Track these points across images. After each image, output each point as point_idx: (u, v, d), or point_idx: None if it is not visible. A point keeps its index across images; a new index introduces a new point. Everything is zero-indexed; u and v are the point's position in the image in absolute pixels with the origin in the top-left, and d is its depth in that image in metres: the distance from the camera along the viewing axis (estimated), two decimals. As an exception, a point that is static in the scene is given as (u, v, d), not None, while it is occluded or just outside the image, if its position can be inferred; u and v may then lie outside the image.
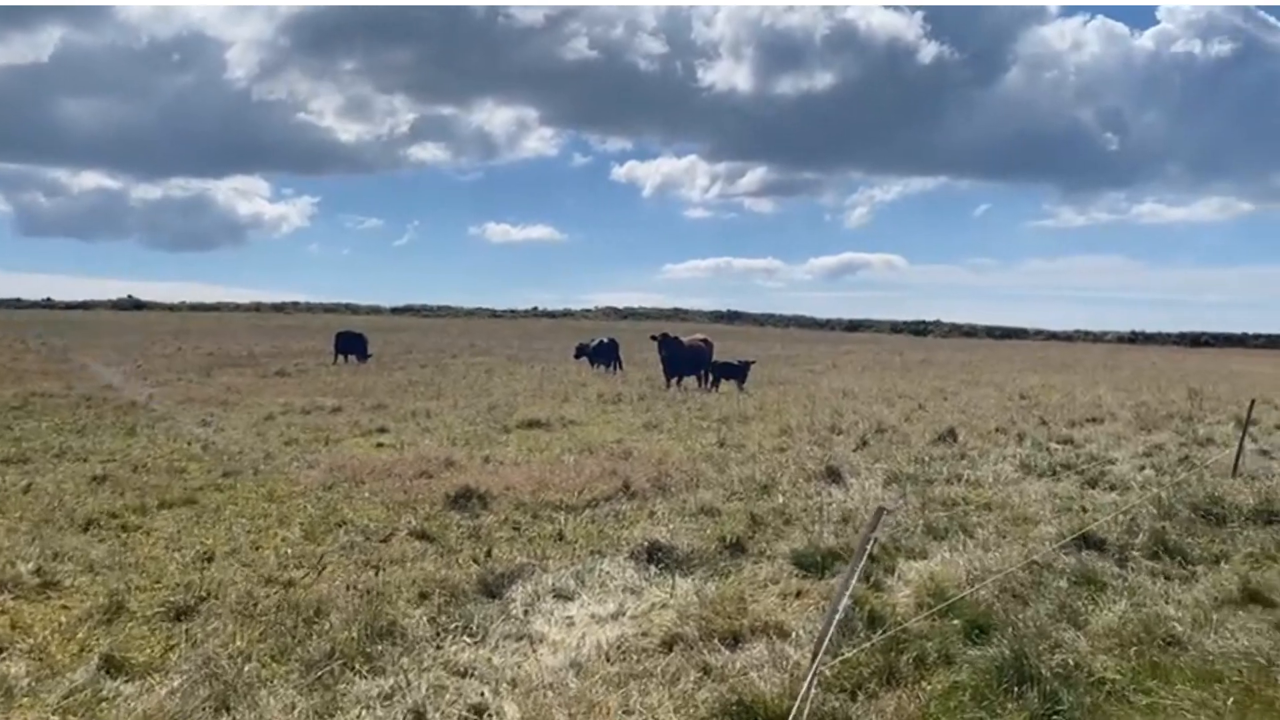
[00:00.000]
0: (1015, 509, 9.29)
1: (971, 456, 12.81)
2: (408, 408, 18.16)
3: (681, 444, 13.90)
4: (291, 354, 37.53)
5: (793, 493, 10.11)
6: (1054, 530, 8.02)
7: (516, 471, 11.09)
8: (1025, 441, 14.23)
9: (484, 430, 15.27)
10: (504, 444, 13.87)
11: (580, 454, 12.86)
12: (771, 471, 11.24)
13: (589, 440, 14.10)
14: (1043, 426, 16.19)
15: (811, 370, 33.80)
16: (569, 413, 17.73)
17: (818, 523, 8.52)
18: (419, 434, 15.01)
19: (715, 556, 7.37)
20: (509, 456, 12.64)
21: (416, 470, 11.17)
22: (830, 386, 25.49)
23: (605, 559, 7.28)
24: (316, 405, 18.40)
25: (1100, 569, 7.03)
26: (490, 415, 17.16)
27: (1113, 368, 39.85)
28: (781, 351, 48.66)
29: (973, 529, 8.36)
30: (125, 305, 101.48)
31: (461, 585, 6.43)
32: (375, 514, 9.09)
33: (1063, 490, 10.39)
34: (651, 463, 11.78)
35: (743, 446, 13.66)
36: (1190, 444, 14.37)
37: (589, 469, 11.05)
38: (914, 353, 50.69)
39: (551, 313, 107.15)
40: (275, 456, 12.50)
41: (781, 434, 15.06)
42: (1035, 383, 27.78)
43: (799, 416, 17.26)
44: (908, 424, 16.59)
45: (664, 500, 9.61)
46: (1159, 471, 11.72)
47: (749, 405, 19.36)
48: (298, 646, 5.29)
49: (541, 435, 14.88)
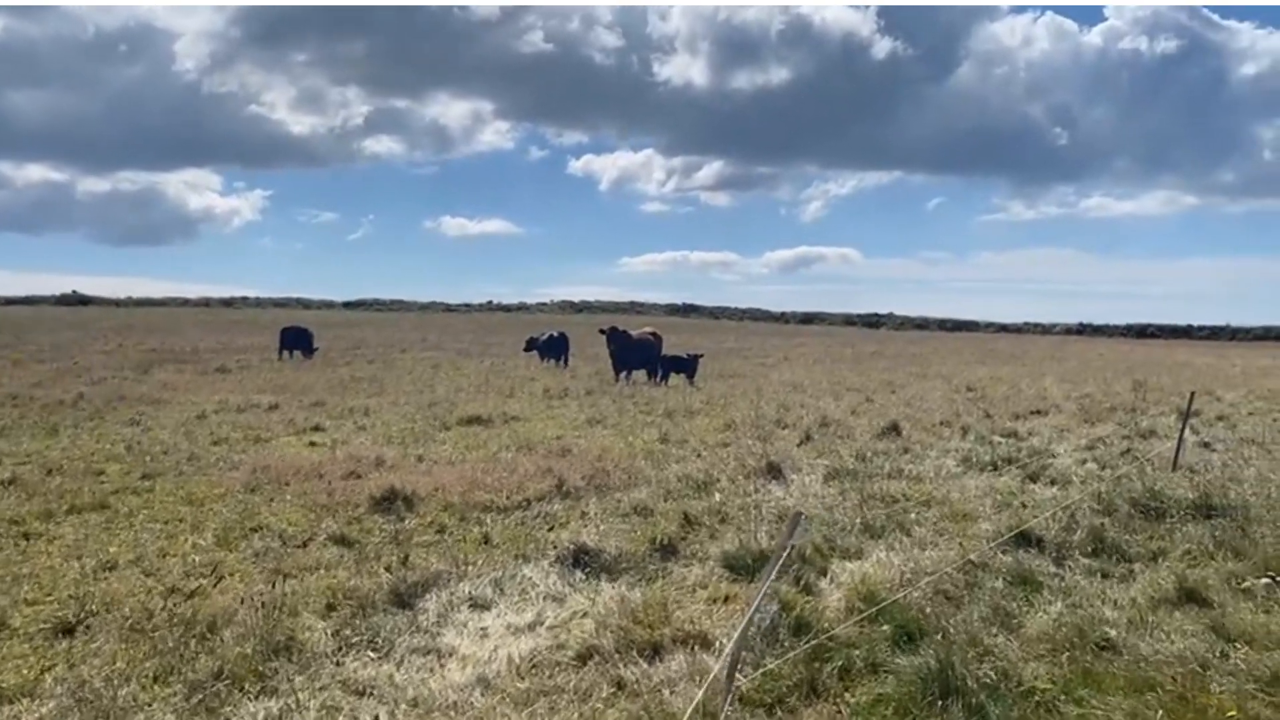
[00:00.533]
0: (954, 505, 9.13)
1: (915, 451, 12.68)
2: (346, 405, 17.71)
3: (623, 440, 13.62)
4: (236, 350, 36.73)
5: (731, 490, 9.87)
6: (992, 527, 7.85)
7: (449, 471, 10.75)
8: (969, 435, 14.14)
9: (422, 428, 14.88)
10: (441, 442, 13.50)
11: (518, 452, 12.54)
12: (711, 468, 11.00)
13: (529, 437, 13.78)
14: (987, 420, 16.14)
15: (763, 363, 33.69)
16: (512, 409, 17.40)
17: (753, 522, 8.28)
18: (354, 432, 14.61)
19: (645, 559, 7.10)
20: (444, 455, 12.29)
21: (345, 471, 10.79)
22: (780, 380, 25.37)
23: (530, 564, 6.98)
24: (253, 403, 17.88)
25: (1037, 568, 6.86)
26: (430, 412, 16.77)
27: (1060, 359, 40.22)
28: (735, 345, 48.59)
29: (910, 527, 8.17)
30: (70, 300, 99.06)
31: (372, 595, 6.09)
32: (295, 518, 8.71)
33: (1003, 485, 10.26)
34: (589, 460, 11.50)
35: (685, 442, 13.42)
36: (1133, 436, 14.37)
37: (524, 468, 10.74)
38: (866, 345, 50.86)
39: (506, 307, 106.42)
40: (201, 457, 12.04)
41: (726, 429, 14.84)
42: (983, 375, 27.89)
43: (745, 411, 17.06)
44: (854, 417, 16.46)
45: (598, 500, 9.33)
46: (1101, 465, 11.66)
47: (696, 399, 19.15)
48: (185, 665, 4.94)
49: (481, 432, 14.53)
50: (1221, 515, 8.29)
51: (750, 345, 48.13)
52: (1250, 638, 5.41)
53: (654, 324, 67.62)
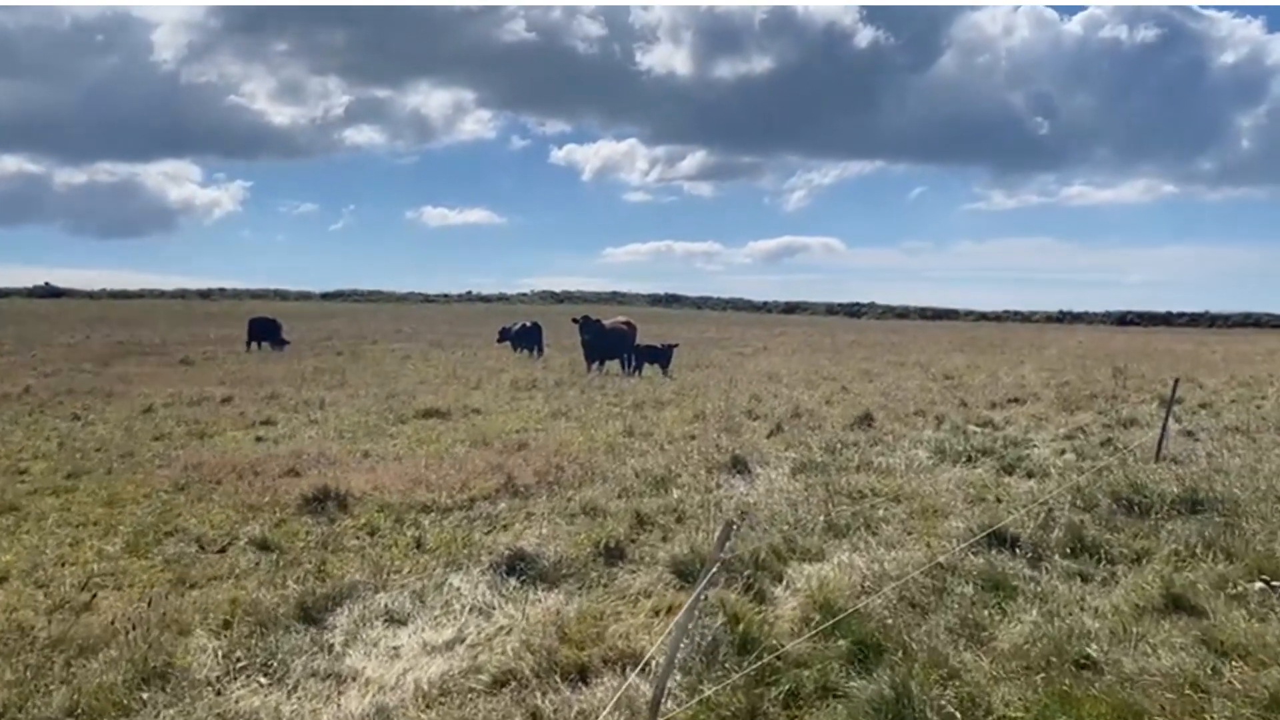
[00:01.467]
0: (925, 500, 8.58)
1: (887, 442, 12.14)
2: (303, 397, 17.04)
3: (586, 433, 13.04)
4: (205, 341, 35.96)
5: (692, 486, 9.30)
6: (964, 525, 7.30)
7: (394, 468, 10.14)
8: (943, 425, 13.62)
9: (376, 422, 14.25)
10: (393, 437, 12.89)
11: (472, 447, 11.94)
12: (674, 463, 10.42)
13: (487, 431, 13.17)
14: (963, 409, 15.63)
15: (741, 353, 33.14)
16: (475, 401, 16.78)
17: (711, 520, 7.72)
18: (306, 426, 13.97)
19: (588, 565, 6.52)
20: (393, 451, 11.68)
21: (284, 468, 10.17)
22: (756, 369, 24.82)
23: (460, 572, 6.38)
24: (207, 395, 17.19)
25: (1011, 571, 6.32)
26: (388, 405, 16.12)
27: (1040, 347, 39.81)
28: (716, 334, 48.03)
29: (877, 525, 7.62)
30: (42, 293, 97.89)
31: (276, 610, 5.48)
32: (219, 519, 8.09)
33: (977, 478, 9.73)
34: (545, 455, 10.91)
35: (650, 435, 12.84)
36: (1114, 425, 13.88)
37: (473, 464, 10.14)
38: (846, 334, 50.41)
39: (486, 297, 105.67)
40: (136, 454, 11.39)
41: (694, 420, 14.27)
42: (960, 363, 27.42)
43: (716, 401, 16.50)
44: (827, 407, 15.93)
45: (548, 499, 8.74)
46: (1080, 456, 11.15)
47: (668, 390, 18.57)
48: (38, 698, 4.33)
49: (438, 426, 13.91)
50: (1209, 510, 7.76)
51: (731, 335, 47.59)
52: (1245, 651, 4.88)
53: (636, 314, 67.23)
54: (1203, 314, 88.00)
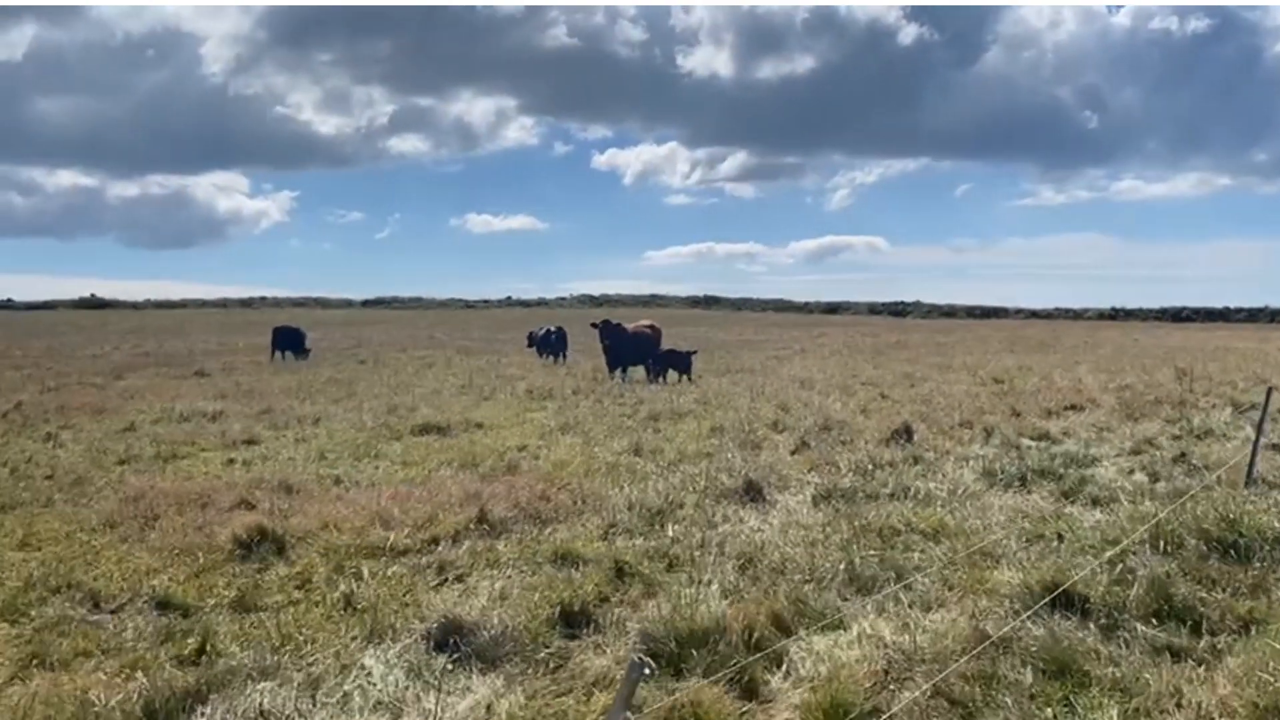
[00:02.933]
0: (971, 539, 7.17)
1: (927, 460, 10.70)
2: (299, 412, 15.94)
3: (589, 451, 11.75)
4: (233, 351, 35.27)
5: (694, 520, 7.97)
6: (1018, 578, 5.88)
7: (360, 499, 8.91)
8: (993, 438, 12.13)
9: (367, 440, 13.07)
10: (379, 457, 11.71)
11: (460, 469, 10.71)
12: (679, 489, 9.10)
13: (482, 450, 11.92)
14: (1015, 418, 14.09)
15: (776, 356, 31.65)
16: (482, 414, 15.56)
17: (708, 570, 6.39)
18: (291, 445, 12.83)
19: (541, 637, 5.21)
20: (371, 476, 10.48)
21: (237, 499, 8.98)
22: (789, 374, 23.36)
23: (381, 646, 5.11)
24: (199, 410, 16.14)
25: (1081, 646, 4.91)
26: (387, 419, 14.96)
27: (1093, 346, 37.83)
28: (754, 336, 46.57)
29: (911, 574, 6.23)
30: (88, 304, 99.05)
31: (110, 715, 4.24)
32: (133, 567, 6.90)
33: (1033, 507, 8.29)
34: (535, 481, 9.63)
35: (660, 452, 11.52)
36: (1185, 436, 12.31)
37: (449, 493, 8.87)
38: (889, 335, 48.62)
39: (525, 302, 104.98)
40: (89, 481, 10.29)
41: (712, 434, 12.92)
42: (1011, 365, 25.72)
43: (742, 412, 15.13)
44: (862, 418, 14.49)
45: (520, 539, 7.45)
46: (1152, 477, 9.64)
47: (690, 399, 17.21)
48: None
49: (433, 444, 12.70)
50: (1323, 552, 6.29)
51: (768, 337, 46.09)
52: None
53: (675, 316, 65.65)
54: (1262, 309, 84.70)
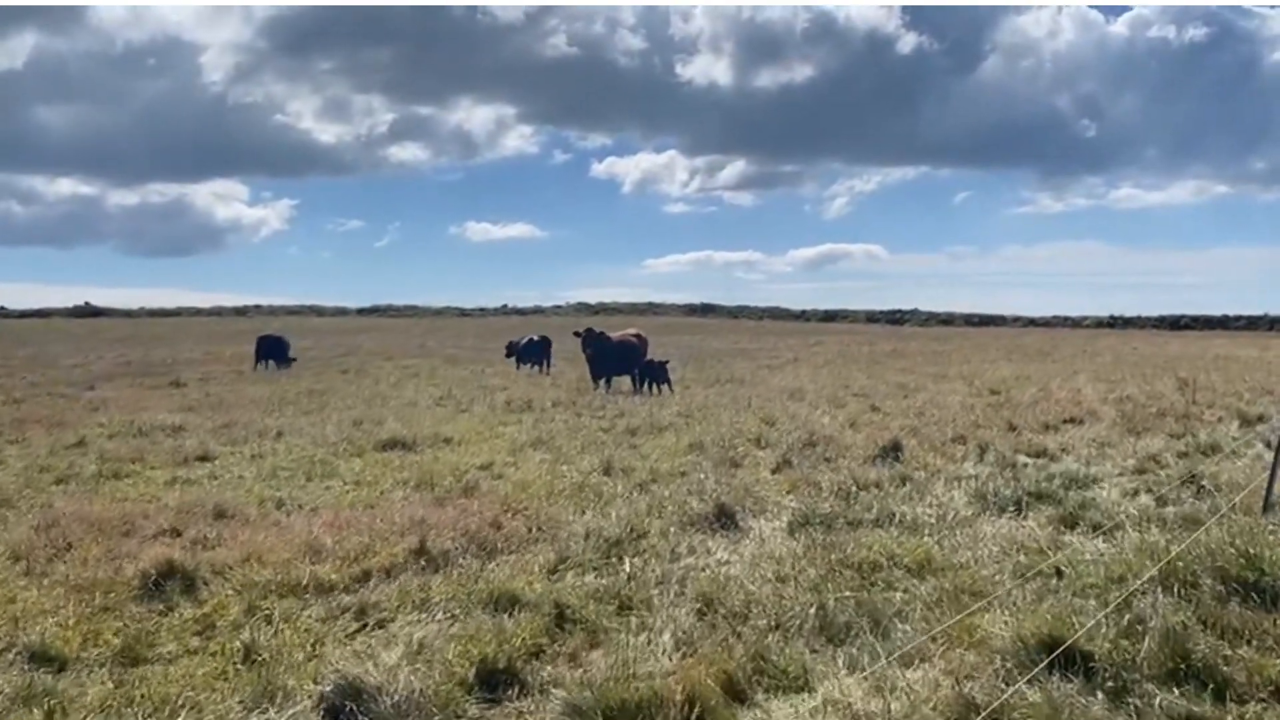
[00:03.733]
0: (959, 574, 6.45)
1: (916, 480, 9.97)
2: (261, 425, 15.20)
3: (558, 469, 11.03)
4: (219, 360, 34.58)
5: (656, 552, 7.24)
6: (1011, 628, 5.15)
7: (297, 526, 8.18)
8: (987, 456, 11.40)
9: (326, 456, 12.35)
10: (332, 477, 10.99)
11: (415, 490, 10.00)
12: (644, 514, 8.38)
13: (441, 470, 11.19)
14: (1011, 433, 13.36)
15: (769, 366, 30.92)
16: (454, 428, 14.83)
17: (661, 614, 5.66)
18: (244, 462, 12.14)
19: (453, 704, 4.49)
20: (320, 498, 9.76)
21: (166, 524, 8.27)
22: (779, 385, 22.65)
23: (264, 716, 4.39)
24: (159, 424, 15.42)
25: (1084, 716, 4.19)
26: (352, 434, 14.24)
27: (1092, 354, 37.14)
28: (749, 345, 45.85)
29: (891, 620, 5.50)
30: (82, 312, 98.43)
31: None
32: (22, 608, 6.17)
33: (1029, 535, 7.56)
34: (493, 504, 8.91)
35: (632, 471, 10.79)
36: (1192, 453, 11.59)
37: (393, 520, 8.14)
38: (886, 343, 47.90)
39: (522, 310, 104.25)
40: (14, 504, 9.59)
41: (690, 450, 12.20)
42: (1008, 374, 25.01)
43: (724, 426, 14.41)
44: (850, 432, 13.77)
45: (461, 573, 6.72)
46: (1158, 500, 8.91)
47: (672, 412, 16.48)
48: None
49: (395, 460, 11.98)
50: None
51: (763, 345, 45.37)
52: None
53: (671, 324, 64.73)
54: (1261, 317, 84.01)
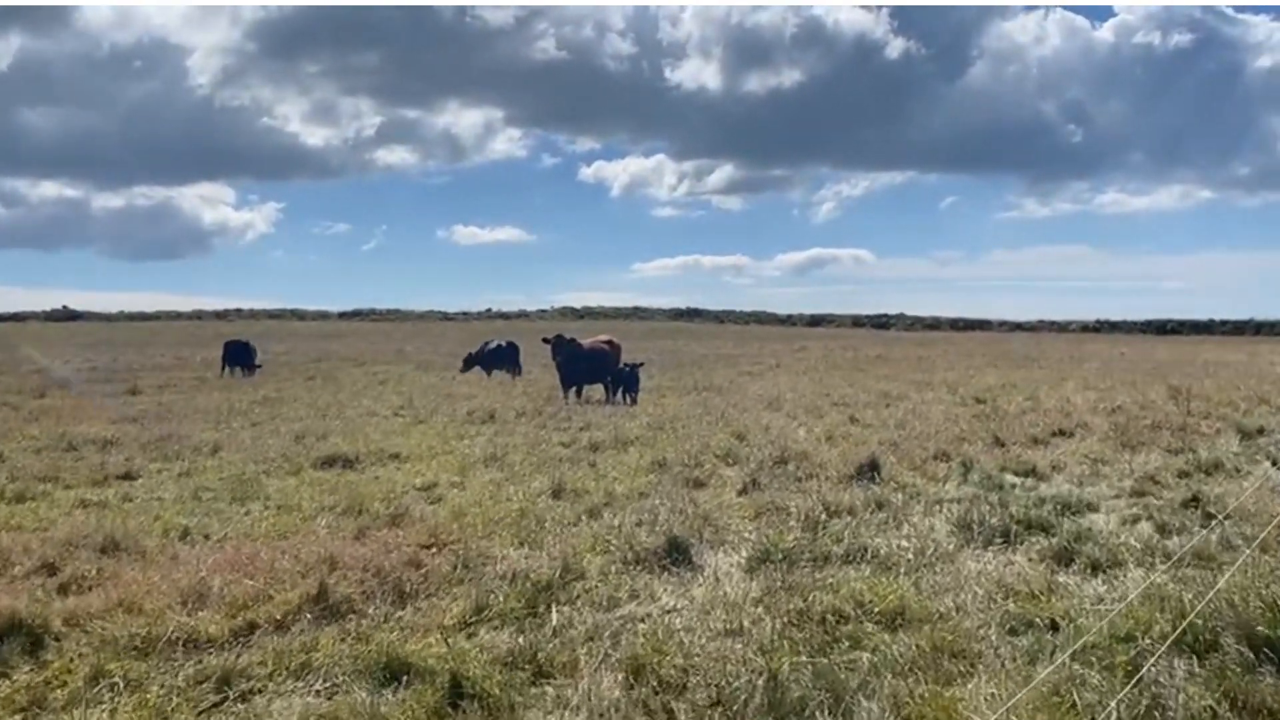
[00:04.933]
0: (938, 627, 5.53)
1: (894, 505, 9.05)
2: (200, 439, 14.18)
3: (505, 491, 10.10)
4: (185, 366, 33.47)
5: (592, 597, 6.31)
6: (998, 705, 4.24)
7: (192, 562, 7.22)
8: (972, 474, 10.51)
9: (258, 474, 11.39)
10: (261, 499, 10.02)
11: (344, 515, 9.04)
12: (586, 548, 7.45)
13: (386, 489, 10.27)
14: (998, 448, 12.48)
15: (750, 372, 30.01)
16: (405, 442, 13.87)
17: (580, 688, 4.73)
18: (171, 481, 11.21)
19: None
20: (236, 525, 8.79)
21: (42, 560, 7.30)
22: (758, 393, 21.72)
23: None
24: (93, 437, 14.41)
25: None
26: (293, 448, 13.26)
27: (1080, 360, 36.33)
28: (732, 350, 44.94)
29: (853, 693, 4.58)
30: (58, 316, 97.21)
31: None
32: None
33: (1019, 574, 6.65)
34: (421, 535, 7.96)
35: (585, 493, 9.86)
36: (1193, 471, 10.72)
37: (301, 557, 7.17)
38: (870, 348, 47.05)
39: (506, 314, 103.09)
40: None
41: (652, 469, 11.28)
42: (994, 382, 24.15)
43: (693, 440, 13.48)
44: (827, 446, 12.87)
45: (359, 626, 5.77)
46: (1160, 528, 8.01)
47: (642, 423, 15.53)
48: None
49: (330, 480, 11.03)
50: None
51: (746, 351, 44.47)
52: None
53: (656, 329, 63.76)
54: (1247, 321, 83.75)
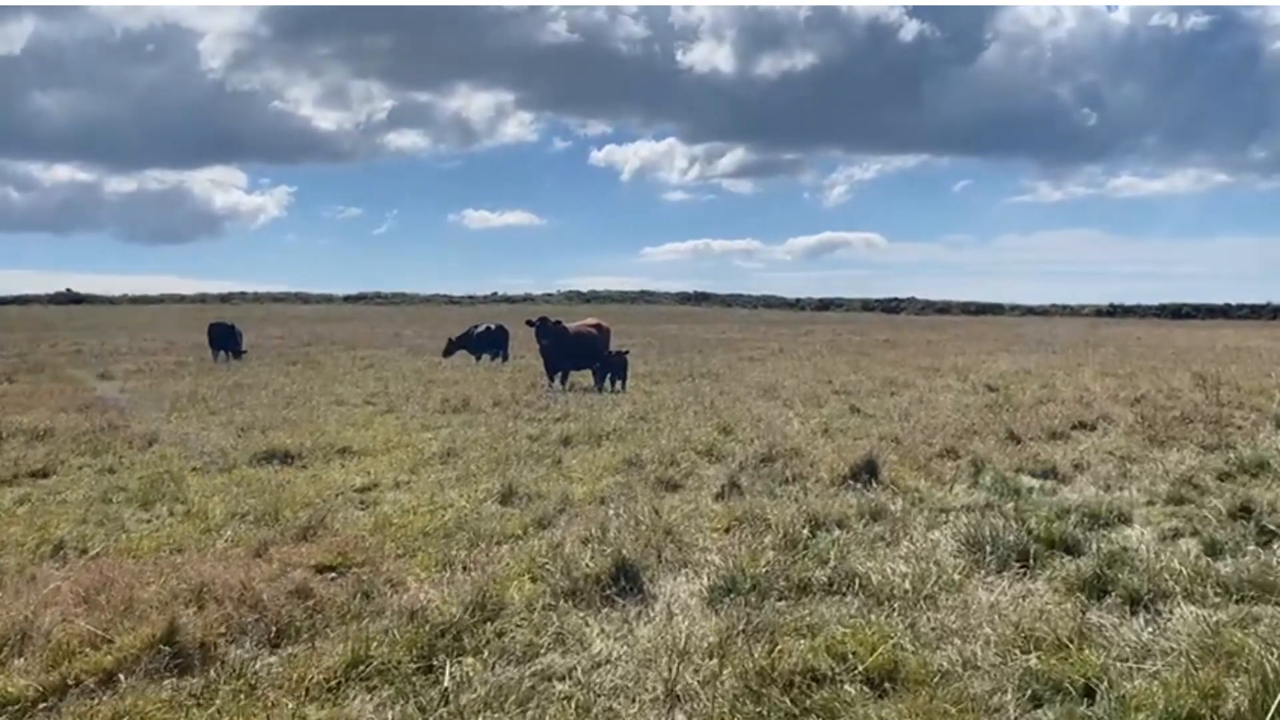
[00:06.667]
0: (939, 692, 4.30)
1: (892, 514, 7.79)
2: (139, 431, 12.98)
3: (448, 495, 8.88)
4: (174, 350, 32.38)
5: (504, 645, 5.08)
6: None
7: (42, 586, 6.02)
8: (983, 476, 9.24)
9: (186, 471, 10.22)
10: (176, 500, 8.83)
11: (259, 524, 7.85)
12: (514, 572, 6.22)
13: (318, 489, 9.10)
14: (1011, 444, 11.20)
15: (751, 358, 28.70)
16: (362, 435, 12.66)
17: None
18: (91, 479, 10.06)
19: None
20: (131, 536, 7.61)
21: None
22: (756, 380, 20.43)
23: None
24: (26, 428, 13.22)
25: None
26: (238, 440, 12.09)
27: (1095, 345, 34.89)
28: (736, 335, 43.62)
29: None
30: (63, 299, 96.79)
31: None
32: None
33: (1041, 615, 5.38)
34: (330, 550, 6.76)
35: (541, 498, 8.64)
36: (1235, 473, 9.42)
37: (167, 582, 5.98)
38: (879, 333, 45.71)
39: (511, 298, 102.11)
40: None
41: (623, 468, 10.06)
42: (1006, 368, 22.80)
43: (676, 434, 12.25)
44: (823, 440, 11.63)
45: (203, 684, 4.57)
46: (1210, 547, 6.71)
47: (622, 415, 14.26)
48: None
49: (265, 478, 9.84)
50: None
51: (751, 335, 43.16)
52: None
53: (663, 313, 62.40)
54: (1264, 305, 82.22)
